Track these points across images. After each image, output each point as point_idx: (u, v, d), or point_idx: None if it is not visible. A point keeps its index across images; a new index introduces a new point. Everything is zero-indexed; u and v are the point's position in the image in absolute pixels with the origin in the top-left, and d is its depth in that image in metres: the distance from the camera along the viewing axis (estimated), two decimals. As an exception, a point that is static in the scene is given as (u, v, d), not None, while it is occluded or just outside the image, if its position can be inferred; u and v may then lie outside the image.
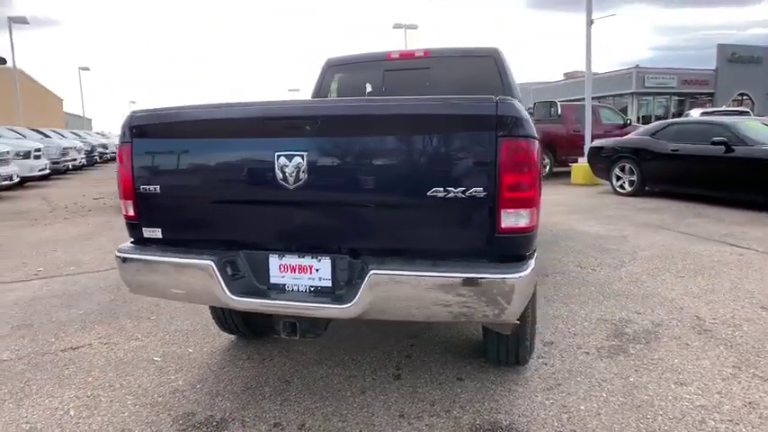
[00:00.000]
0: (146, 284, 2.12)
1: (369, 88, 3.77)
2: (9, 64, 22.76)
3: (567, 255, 4.89)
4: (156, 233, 2.12)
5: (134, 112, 2.11)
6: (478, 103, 1.76)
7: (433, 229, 1.82)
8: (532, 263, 1.81)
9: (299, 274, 1.96)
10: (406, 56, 3.67)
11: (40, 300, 3.90)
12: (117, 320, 3.43)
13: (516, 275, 1.73)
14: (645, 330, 3.10)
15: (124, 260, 2.11)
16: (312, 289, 1.95)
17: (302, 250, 1.96)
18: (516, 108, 1.74)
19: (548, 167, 11.69)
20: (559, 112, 4.93)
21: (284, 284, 1.98)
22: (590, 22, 10.62)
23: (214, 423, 2.23)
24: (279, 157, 1.86)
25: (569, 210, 7.47)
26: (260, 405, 2.37)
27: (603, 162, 9.12)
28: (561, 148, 11.67)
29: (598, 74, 29.38)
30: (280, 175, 1.87)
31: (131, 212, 2.13)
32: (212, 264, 1.94)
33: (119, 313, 3.56)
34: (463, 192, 1.73)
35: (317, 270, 1.93)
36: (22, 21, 22.00)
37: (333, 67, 3.84)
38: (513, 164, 1.72)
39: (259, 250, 2.01)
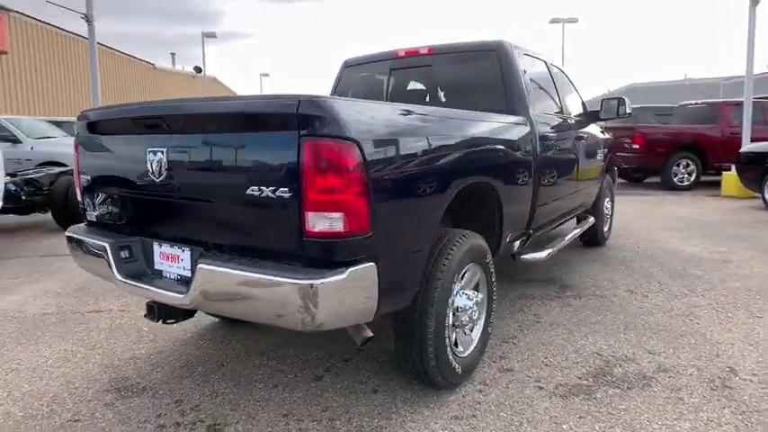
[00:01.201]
0: (77, 260, 2.45)
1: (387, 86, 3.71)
2: (202, 72, 27.04)
3: (628, 276, 4.20)
4: (92, 216, 2.43)
5: (83, 111, 2.45)
6: (280, 101, 1.66)
7: (256, 228, 1.79)
8: (352, 270, 1.66)
9: (171, 263, 2.08)
10: (412, 53, 3.52)
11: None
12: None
13: (319, 281, 1.61)
14: (639, 374, 2.55)
15: (67, 238, 2.47)
16: (179, 277, 2.06)
17: (174, 240, 2.08)
18: (323, 107, 1.61)
19: (693, 175, 9.98)
20: (628, 110, 4.28)
21: (162, 271, 2.12)
22: (755, 1, 8.72)
23: (134, 390, 2.47)
24: (149, 152, 2.01)
25: (685, 226, 6.33)
26: (181, 382, 2.55)
27: (753, 170, 7.49)
28: (713, 153, 9.86)
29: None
30: (150, 170, 2.02)
31: (79, 197, 2.49)
32: (107, 246, 2.17)
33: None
34: (273, 192, 1.66)
35: (181, 260, 2.03)
36: (212, 35, 25.94)
37: (348, 67, 3.87)
38: (317, 165, 1.59)
39: (148, 238, 2.18)
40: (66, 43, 20.38)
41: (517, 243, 3.18)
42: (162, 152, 1.97)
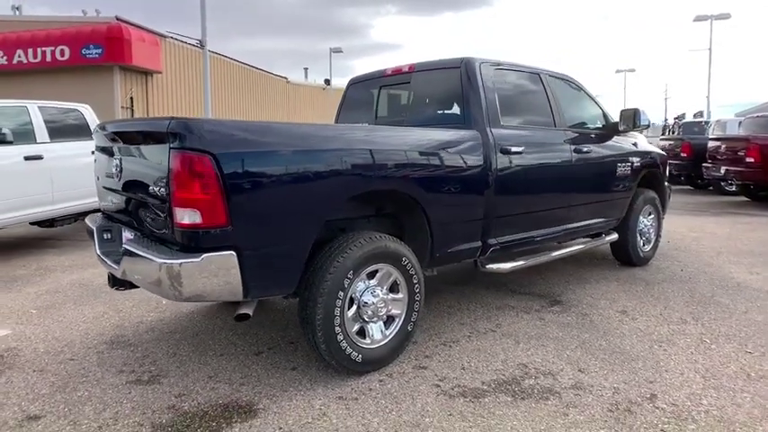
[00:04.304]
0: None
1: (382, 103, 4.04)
2: (330, 85, 29.19)
3: (636, 299, 3.96)
4: (101, 207, 3.17)
5: (97, 124, 3.19)
6: (158, 122, 2.14)
7: (157, 219, 2.28)
8: (207, 256, 2.06)
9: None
10: (396, 72, 3.76)
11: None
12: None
13: (177, 262, 2.05)
14: (545, 388, 2.56)
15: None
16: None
17: (129, 227, 2.67)
18: (186, 126, 2.05)
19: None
20: (643, 121, 4.08)
21: (126, 249, 2.73)
22: None
23: (122, 344, 3.14)
24: (113, 159, 2.63)
25: (760, 252, 5.56)
26: (158, 343, 3.16)
27: None
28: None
29: None
30: (114, 172, 2.64)
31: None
32: (94, 229, 2.85)
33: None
34: (159, 190, 2.14)
35: (130, 240, 2.61)
36: (338, 50, 27.98)
37: (352, 85, 4.23)
38: (180, 170, 2.03)
39: (120, 224, 2.81)
40: (211, 62, 23.54)
41: (473, 254, 3.28)
42: (117, 159, 2.58)
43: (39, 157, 5.42)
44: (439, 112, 3.45)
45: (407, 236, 3.05)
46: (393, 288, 2.81)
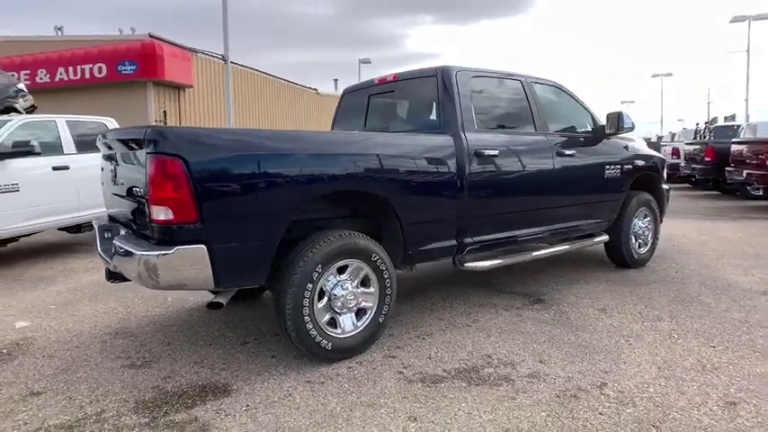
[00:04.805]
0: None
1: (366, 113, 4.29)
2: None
3: (621, 297, 4.03)
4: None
5: (101, 133, 3.54)
6: (138, 129, 2.42)
7: (141, 216, 2.56)
8: (179, 248, 2.32)
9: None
10: (382, 81, 4.00)
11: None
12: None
13: (154, 254, 2.32)
14: (502, 376, 2.71)
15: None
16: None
17: (125, 225, 2.97)
18: (159, 133, 2.32)
19: None
20: (626, 123, 4.18)
21: (115, 244, 3.02)
22: None
23: (125, 335, 3.44)
24: (111, 164, 2.95)
25: (766, 255, 5.49)
26: (155, 334, 3.46)
27: None
28: None
29: None
30: (112, 176, 2.95)
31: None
32: (96, 227, 3.17)
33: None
34: (140, 190, 2.43)
35: (121, 237, 2.91)
36: (366, 61, 28.45)
37: (347, 94, 4.48)
38: (154, 172, 2.31)
39: (120, 224, 3.12)
40: (241, 76, 24.41)
41: (450, 252, 3.45)
42: (114, 165, 2.89)
43: (66, 168, 5.89)
44: (419, 118, 3.66)
45: (385, 235, 3.26)
46: (366, 282, 3.01)
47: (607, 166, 4.47)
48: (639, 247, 5.01)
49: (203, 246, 2.39)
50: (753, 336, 3.18)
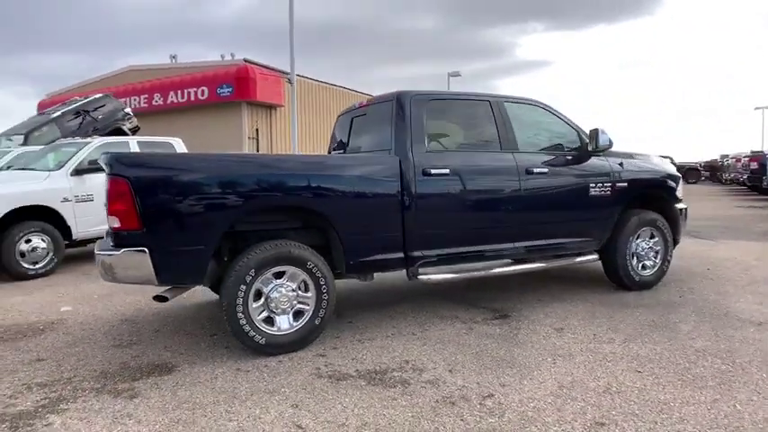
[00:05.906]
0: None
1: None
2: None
3: (593, 319, 3.97)
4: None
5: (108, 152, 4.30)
6: (104, 154, 3.01)
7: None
8: (125, 251, 2.91)
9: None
10: (361, 105, 4.36)
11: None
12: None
13: (108, 254, 2.92)
14: (398, 379, 2.94)
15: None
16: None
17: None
18: (114, 157, 2.91)
19: None
20: (602, 141, 4.18)
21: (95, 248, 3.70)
22: None
23: (126, 322, 4.16)
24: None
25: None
26: (151, 323, 4.13)
27: None
28: None
29: None
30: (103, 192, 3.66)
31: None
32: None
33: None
34: (104, 204, 3.05)
35: (101, 242, 3.57)
36: (456, 74, 28.63)
37: (340, 116, 4.89)
38: (108, 189, 2.92)
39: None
40: (326, 93, 25.81)
41: (399, 264, 3.71)
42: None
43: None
44: (379, 139, 3.97)
45: (332, 245, 3.62)
46: (304, 287, 3.40)
47: (592, 184, 4.40)
48: (643, 268, 4.80)
49: (145, 249, 2.96)
50: (693, 365, 3.05)
